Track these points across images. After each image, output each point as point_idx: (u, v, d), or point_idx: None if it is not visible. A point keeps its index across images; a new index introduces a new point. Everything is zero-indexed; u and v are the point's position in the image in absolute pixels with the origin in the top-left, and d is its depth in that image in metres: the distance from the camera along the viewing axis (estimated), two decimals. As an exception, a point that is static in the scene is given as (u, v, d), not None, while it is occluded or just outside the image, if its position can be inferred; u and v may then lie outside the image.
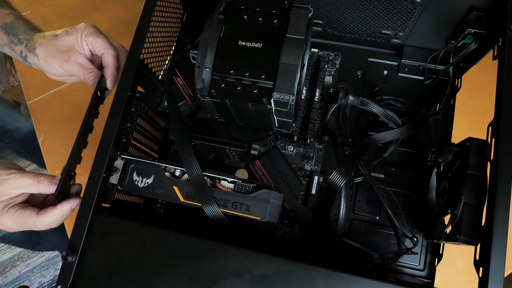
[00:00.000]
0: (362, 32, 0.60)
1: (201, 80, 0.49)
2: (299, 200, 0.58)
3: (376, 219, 0.56)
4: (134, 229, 0.43)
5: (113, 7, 0.82)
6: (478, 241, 0.40)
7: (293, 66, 0.46)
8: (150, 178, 0.47)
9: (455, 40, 0.54)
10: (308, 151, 0.60)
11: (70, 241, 0.42)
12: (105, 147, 0.45)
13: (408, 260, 0.54)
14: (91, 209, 0.43)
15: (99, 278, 0.41)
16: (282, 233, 0.57)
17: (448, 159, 0.51)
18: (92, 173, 0.45)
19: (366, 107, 0.54)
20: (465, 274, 0.61)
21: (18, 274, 1.38)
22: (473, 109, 0.69)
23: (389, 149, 0.55)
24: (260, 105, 0.47)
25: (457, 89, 0.59)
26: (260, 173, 0.58)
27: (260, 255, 0.40)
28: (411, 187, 0.56)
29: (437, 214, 0.51)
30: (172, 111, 0.49)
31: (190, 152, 0.45)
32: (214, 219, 0.45)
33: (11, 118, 0.95)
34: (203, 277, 0.40)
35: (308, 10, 0.49)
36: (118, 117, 0.46)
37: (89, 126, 0.47)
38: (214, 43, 0.49)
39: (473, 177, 0.43)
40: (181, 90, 0.61)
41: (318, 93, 0.59)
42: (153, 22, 0.52)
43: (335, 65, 0.63)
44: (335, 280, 0.39)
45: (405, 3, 0.51)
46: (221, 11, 0.50)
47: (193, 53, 0.54)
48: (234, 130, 0.62)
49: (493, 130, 0.42)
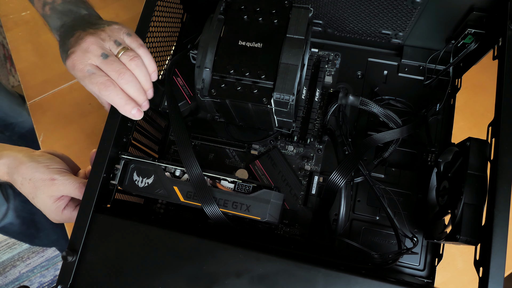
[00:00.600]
0: (362, 32, 0.60)
1: (201, 80, 0.49)
2: (299, 200, 0.58)
3: (376, 219, 0.56)
4: (134, 229, 0.43)
5: (113, 7, 0.82)
6: (478, 241, 0.40)
7: (293, 66, 0.46)
8: (150, 178, 0.47)
9: (455, 40, 0.54)
10: (308, 151, 0.60)
11: (70, 241, 0.42)
12: (105, 147, 0.45)
13: (408, 260, 0.54)
14: (91, 209, 0.43)
15: (99, 278, 0.41)
16: (282, 233, 0.57)
17: (448, 159, 0.51)
18: (92, 173, 0.45)
19: (366, 107, 0.54)
20: (465, 274, 0.61)
21: (18, 274, 1.38)
22: (473, 109, 0.69)
23: (389, 149, 0.55)
24: (260, 105, 0.47)
25: (457, 89, 0.59)
26: (260, 173, 0.58)
27: (260, 255, 0.40)
28: (411, 187, 0.56)
29: (437, 214, 0.51)
30: (172, 111, 0.49)
31: (190, 152, 0.45)
32: (214, 219, 0.45)
33: (14, 112, 0.95)
34: (203, 277, 0.40)
35: (308, 10, 0.49)
36: (118, 117, 0.46)
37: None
38: (214, 43, 0.49)
39: (473, 177, 0.43)
40: (181, 90, 0.61)
41: (318, 93, 0.59)
42: (153, 22, 0.52)
43: (335, 65, 0.63)
44: (335, 280, 0.39)
45: (405, 3, 0.51)
46: (221, 11, 0.50)
47: (193, 53, 0.54)
48: (234, 130, 0.62)
49: (493, 130, 0.42)
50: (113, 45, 0.45)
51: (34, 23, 0.84)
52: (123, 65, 0.44)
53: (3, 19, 0.84)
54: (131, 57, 0.45)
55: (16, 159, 0.48)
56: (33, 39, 0.82)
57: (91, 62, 0.43)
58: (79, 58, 0.43)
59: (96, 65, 0.43)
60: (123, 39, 0.46)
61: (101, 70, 0.44)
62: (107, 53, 0.44)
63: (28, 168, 0.47)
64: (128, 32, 0.46)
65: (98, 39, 0.44)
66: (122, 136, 0.49)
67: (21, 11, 0.85)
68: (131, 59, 0.45)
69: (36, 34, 0.83)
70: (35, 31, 0.83)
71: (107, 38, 0.44)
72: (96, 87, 0.43)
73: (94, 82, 0.43)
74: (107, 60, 0.43)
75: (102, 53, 0.43)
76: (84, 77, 0.43)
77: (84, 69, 0.43)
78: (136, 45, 0.46)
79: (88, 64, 0.43)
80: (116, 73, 0.44)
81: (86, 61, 0.43)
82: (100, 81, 0.43)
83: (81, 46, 0.43)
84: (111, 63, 0.43)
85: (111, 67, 0.43)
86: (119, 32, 0.45)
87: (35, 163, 0.48)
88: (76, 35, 0.45)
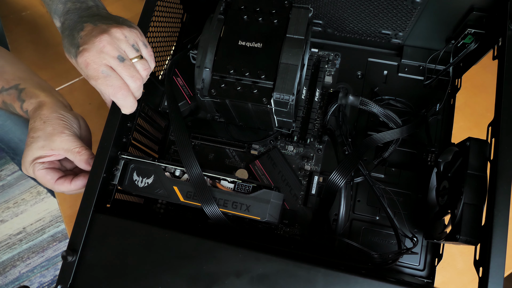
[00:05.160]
0: (362, 32, 0.60)
1: (201, 80, 0.49)
2: (299, 200, 0.58)
3: (376, 219, 0.56)
4: (134, 229, 0.43)
5: (113, 7, 0.82)
6: (478, 241, 0.40)
7: (293, 66, 0.46)
8: (150, 178, 0.47)
9: (455, 40, 0.54)
10: (308, 151, 0.60)
11: (70, 241, 0.42)
12: (105, 147, 0.45)
13: (408, 260, 0.54)
14: (91, 209, 0.43)
15: (99, 278, 0.41)
16: (282, 233, 0.57)
17: (448, 159, 0.51)
18: (92, 173, 0.45)
19: (366, 107, 0.54)
20: (465, 274, 0.61)
21: (18, 274, 1.38)
22: (473, 109, 0.69)
23: (389, 149, 0.55)
24: (260, 105, 0.47)
25: (457, 89, 0.59)
26: (260, 173, 0.58)
27: (260, 255, 0.40)
28: (411, 187, 0.56)
29: (437, 214, 0.51)
30: (172, 111, 0.49)
31: (190, 152, 0.45)
32: (214, 219, 0.45)
33: (25, 136, 0.94)
34: (203, 277, 0.40)
35: (308, 10, 0.49)
36: (118, 117, 0.46)
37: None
38: (214, 43, 0.49)
39: (473, 177, 0.43)
40: (181, 90, 0.61)
41: (318, 93, 0.59)
42: (153, 22, 0.52)
43: (335, 65, 0.63)
44: (335, 280, 0.39)
45: (405, 3, 0.51)
46: (221, 11, 0.50)
47: (193, 53, 0.54)
48: (234, 130, 0.62)
49: (493, 130, 0.42)
50: (130, 50, 0.45)
51: (34, 23, 0.84)
52: (137, 71, 0.45)
53: (3, 19, 0.84)
54: (145, 68, 0.46)
55: (48, 102, 0.50)
56: (33, 39, 0.82)
57: (106, 63, 0.43)
58: (94, 57, 0.43)
59: (111, 67, 0.44)
60: (139, 47, 0.46)
61: (116, 72, 0.44)
62: (123, 56, 0.44)
63: (49, 111, 0.49)
64: (144, 43, 0.47)
65: (113, 39, 0.43)
66: (122, 136, 0.49)
67: (21, 11, 0.85)
68: (145, 69, 0.46)
69: (36, 34, 0.83)
70: (35, 31, 0.83)
71: (123, 39, 0.44)
72: (111, 89, 0.43)
73: (110, 85, 0.43)
74: (124, 64, 0.44)
75: (119, 55, 0.43)
76: (98, 77, 0.43)
77: (99, 69, 0.43)
78: (150, 59, 0.47)
79: (103, 65, 0.43)
80: (131, 79, 0.45)
81: (101, 61, 0.43)
82: (116, 84, 0.43)
83: (96, 45, 0.43)
84: (128, 67, 0.44)
85: (127, 71, 0.44)
86: (135, 37, 0.46)
87: (58, 114, 0.49)
88: (87, 29, 0.45)
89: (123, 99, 0.45)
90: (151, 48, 0.48)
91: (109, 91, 0.44)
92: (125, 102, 0.45)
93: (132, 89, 0.45)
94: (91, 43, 0.43)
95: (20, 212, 1.44)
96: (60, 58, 0.80)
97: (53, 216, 1.43)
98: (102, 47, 0.43)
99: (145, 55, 0.47)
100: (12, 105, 0.52)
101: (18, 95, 0.52)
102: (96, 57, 0.43)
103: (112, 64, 0.43)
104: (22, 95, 0.52)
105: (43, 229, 1.42)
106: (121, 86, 0.44)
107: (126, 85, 0.44)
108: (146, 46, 0.47)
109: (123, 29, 0.44)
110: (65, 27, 0.47)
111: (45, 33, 0.83)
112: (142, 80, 0.46)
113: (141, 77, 0.46)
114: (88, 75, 0.44)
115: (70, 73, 0.78)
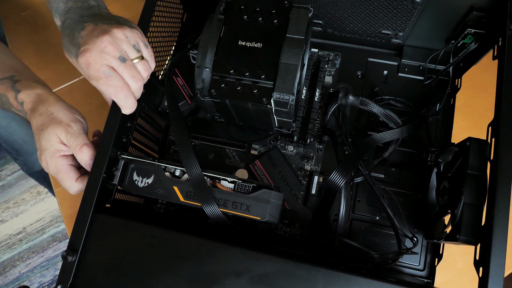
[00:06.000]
0: (362, 32, 0.60)
1: (201, 80, 0.49)
2: (299, 200, 0.58)
3: (376, 219, 0.56)
4: (134, 229, 0.43)
5: (113, 7, 0.82)
6: (478, 241, 0.40)
7: (293, 66, 0.46)
8: (150, 178, 0.47)
9: (455, 40, 0.54)
10: (308, 151, 0.60)
11: (70, 241, 0.42)
12: (105, 147, 0.45)
13: (408, 260, 0.54)
14: (91, 209, 0.43)
15: (99, 278, 0.41)
16: (282, 233, 0.57)
17: (448, 159, 0.51)
18: (92, 173, 0.45)
19: (366, 107, 0.54)
20: (465, 274, 0.61)
21: (18, 274, 1.38)
22: (473, 109, 0.69)
23: (389, 149, 0.55)
24: (260, 105, 0.47)
25: (457, 89, 0.59)
26: (260, 173, 0.58)
27: (260, 255, 0.40)
28: (411, 187, 0.56)
29: (437, 214, 0.51)
30: (172, 111, 0.49)
31: (190, 152, 0.45)
32: (214, 219, 0.45)
33: (29, 137, 0.94)
34: (203, 277, 0.40)
35: (308, 10, 0.49)
36: (118, 117, 0.46)
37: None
38: (214, 43, 0.49)
39: (473, 177, 0.43)
40: (181, 90, 0.61)
41: (318, 93, 0.59)
42: (153, 22, 0.52)
43: (335, 65, 0.63)
44: (335, 280, 0.39)
45: (405, 3, 0.51)
46: (221, 11, 0.50)
47: (193, 53, 0.54)
48: (234, 130, 0.62)
49: (493, 130, 0.42)
50: (131, 50, 0.45)
51: (34, 23, 0.84)
52: (138, 71, 0.45)
53: (3, 19, 0.84)
54: (146, 69, 0.46)
55: (50, 95, 0.50)
56: (33, 39, 0.82)
57: (107, 63, 0.43)
58: (95, 58, 0.43)
59: (112, 67, 0.44)
60: (140, 47, 0.46)
61: (117, 73, 0.44)
62: (125, 57, 0.44)
63: (55, 105, 0.48)
64: (145, 43, 0.47)
65: (114, 40, 0.43)
66: (122, 136, 0.49)
67: (21, 11, 0.85)
68: (145, 70, 0.46)
69: (36, 34, 0.83)
70: (35, 31, 0.83)
71: (124, 39, 0.44)
72: (112, 90, 0.44)
73: (111, 85, 0.43)
74: (125, 64, 0.44)
75: (120, 56, 0.43)
76: (99, 78, 0.43)
77: (100, 69, 0.43)
78: (151, 59, 0.47)
79: (104, 65, 0.43)
80: (132, 79, 0.45)
81: (102, 62, 0.43)
82: (117, 84, 0.43)
83: (97, 46, 0.43)
84: (129, 68, 0.44)
85: (129, 72, 0.44)
86: (136, 38, 0.46)
87: (64, 104, 0.49)
88: (88, 29, 0.44)
89: (124, 100, 0.45)
90: (151, 48, 0.48)
91: (110, 91, 0.43)
92: (126, 102, 0.45)
93: (133, 90, 0.45)
94: (92, 43, 0.43)
95: (20, 212, 1.44)
96: (60, 58, 0.80)
97: (53, 216, 1.43)
98: (103, 47, 0.42)
99: (146, 55, 0.47)
100: (5, 95, 0.51)
101: (13, 85, 0.51)
102: (97, 57, 0.42)
103: (113, 64, 0.43)
104: (17, 85, 0.51)
105: (43, 229, 1.42)
106: (122, 87, 0.44)
107: (127, 86, 0.44)
108: (147, 47, 0.47)
109: (124, 30, 0.44)
110: (66, 26, 0.47)
111: (45, 33, 0.83)
112: (143, 81, 0.46)
113: (142, 77, 0.46)
114: (89, 75, 0.44)
115: (70, 73, 0.78)
